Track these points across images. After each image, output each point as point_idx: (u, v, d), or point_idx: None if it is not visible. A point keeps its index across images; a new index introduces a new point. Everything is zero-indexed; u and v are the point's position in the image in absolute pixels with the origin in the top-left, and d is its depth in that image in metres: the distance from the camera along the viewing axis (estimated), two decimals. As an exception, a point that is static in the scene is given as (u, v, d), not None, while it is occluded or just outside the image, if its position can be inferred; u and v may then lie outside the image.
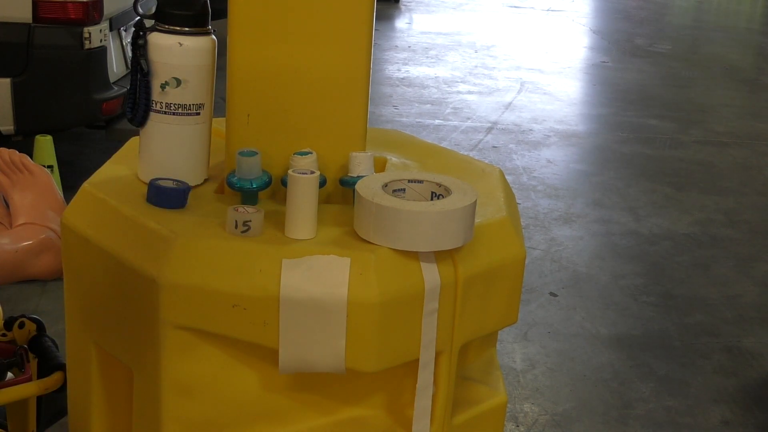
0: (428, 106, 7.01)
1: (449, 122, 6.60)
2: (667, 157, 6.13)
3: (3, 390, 1.72)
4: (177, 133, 1.53)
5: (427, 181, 1.49)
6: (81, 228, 1.50)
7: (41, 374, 1.80)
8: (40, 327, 1.91)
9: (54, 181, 1.81)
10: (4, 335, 1.90)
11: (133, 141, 1.75)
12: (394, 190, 1.46)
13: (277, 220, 1.43)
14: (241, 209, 1.40)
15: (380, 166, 1.72)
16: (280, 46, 1.51)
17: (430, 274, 1.39)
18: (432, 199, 1.47)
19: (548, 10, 12.66)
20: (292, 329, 1.35)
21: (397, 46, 9.29)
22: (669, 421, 3.07)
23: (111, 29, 4.60)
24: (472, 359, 1.70)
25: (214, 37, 1.53)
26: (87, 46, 4.37)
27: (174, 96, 1.50)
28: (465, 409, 1.59)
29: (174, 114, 1.51)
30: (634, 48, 10.06)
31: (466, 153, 3.63)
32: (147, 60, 1.49)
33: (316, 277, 1.34)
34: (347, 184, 1.54)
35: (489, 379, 1.70)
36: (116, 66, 4.71)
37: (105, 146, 5.02)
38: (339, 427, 1.49)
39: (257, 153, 1.48)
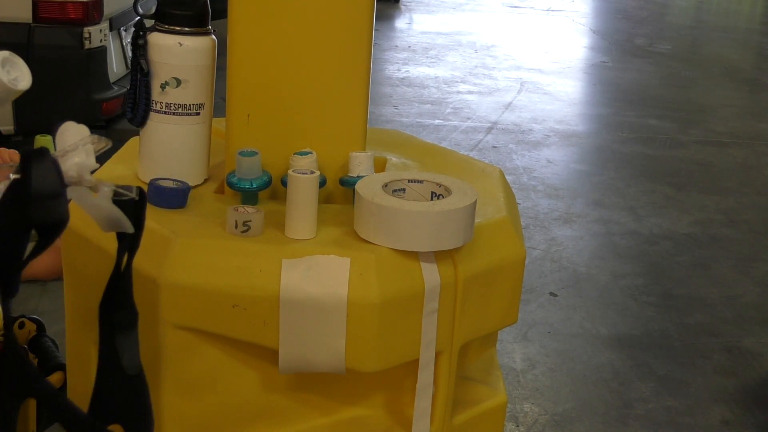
0: (428, 106, 7.01)
1: (449, 122, 6.60)
2: (667, 157, 6.13)
3: (3, 390, 1.72)
4: (177, 133, 1.53)
5: (427, 181, 1.49)
6: (81, 228, 1.50)
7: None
8: (40, 327, 1.91)
9: (54, 181, 1.81)
10: (4, 335, 1.90)
11: (133, 141, 1.75)
12: (394, 190, 1.46)
13: (277, 220, 1.43)
14: (241, 209, 1.40)
15: (380, 166, 1.72)
16: (280, 47, 1.51)
17: (430, 274, 1.39)
18: (432, 199, 1.47)
19: (548, 10, 12.65)
20: (292, 329, 1.35)
21: (397, 46, 9.29)
22: (669, 421, 3.07)
23: (111, 29, 4.60)
24: (472, 359, 1.70)
25: (214, 37, 1.54)
26: (87, 46, 4.37)
27: (174, 96, 1.50)
28: (465, 409, 1.59)
29: (174, 114, 1.51)
30: (634, 48, 10.06)
31: (466, 153, 3.63)
32: (147, 60, 1.49)
33: (316, 277, 1.34)
34: (347, 184, 1.54)
35: (489, 379, 1.71)
36: (116, 66, 4.72)
37: (105, 146, 5.01)
38: (339, 427, 1.49)
39: (257, 153, 1.48)
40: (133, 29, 2.28)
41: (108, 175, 1.61)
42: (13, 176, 0.88)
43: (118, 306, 1.02)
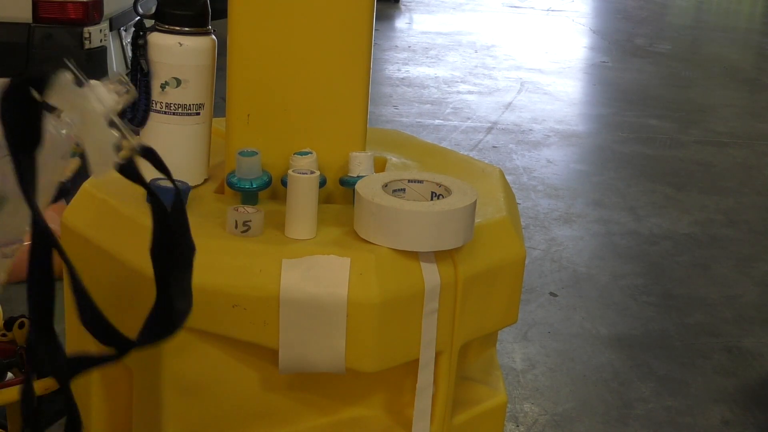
0: (428, 106, 7.01)
1: (449, 122, 6.60)
2: (667, 157, 6.13)
3: (3, 390, 1.72)
4: (177, 133, 1.53)
5: (427, 181, 1.49)
6: (81, 228, 1.50)
7: (41, 374, 1.80)
8: (40, 327, 1.90)
9: (54, 181, 1.81)
10: (4, 335, 1.90)
11: (133, 141, 1.74)
12: (394, 190, 1.46)
13: (277, 220, 1.43)
14: (241, 209, 1.40)
15: (380, 166, 1.72)
16: (280, 47, 1.51)
17: (430, 274, 1.39)
18: (432, 199, 1.47)
19: (548, 10, 12.66)
20: (292, 329, 1.35)
21: (397, 46, 9.29)
22: (669, 421, 3.07)
23: (111, 29, 4.60)
24: (472, 359, 1.70)
25: (214, 37, 1.54)
26: (87, 46, 4.37)
27: (174, 96, 1.50)
28: (465, 409, 1.59)
29: (174, 114, 1.51)
30: (634, 48, 10.06)
31: (466, 153, 3.63)
32: (147, 60, 1.49)
33: (316, 277, 1.34)
34: (347, 184, 1.54)
35: (489, 379, 1.71)
36: (116, 66, 4.71)
37: (105, 146, 5.00)
38: (339, 427, 1.49)
39: (257, 153, 1.48)
40: (133, 29, 2.28)
41: (108, 175, 1.60)
42: None
43: (168, 249, 1.03)
